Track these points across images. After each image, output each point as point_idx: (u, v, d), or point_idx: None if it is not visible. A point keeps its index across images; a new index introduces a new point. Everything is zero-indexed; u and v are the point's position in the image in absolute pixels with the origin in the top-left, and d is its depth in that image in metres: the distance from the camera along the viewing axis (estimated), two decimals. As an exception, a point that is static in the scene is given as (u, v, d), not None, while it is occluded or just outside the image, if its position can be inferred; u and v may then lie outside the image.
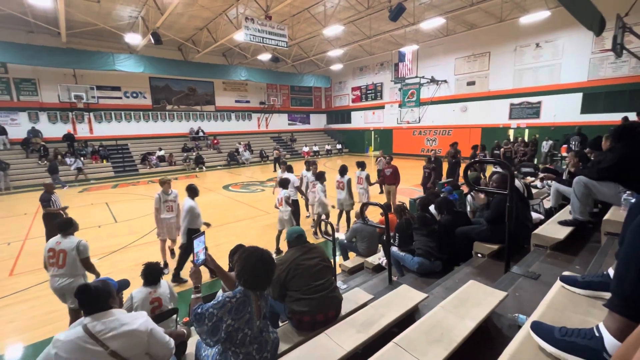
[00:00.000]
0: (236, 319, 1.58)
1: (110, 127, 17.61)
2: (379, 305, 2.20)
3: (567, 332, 1.07)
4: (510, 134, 15.78)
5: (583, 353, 0.99)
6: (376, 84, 22.41)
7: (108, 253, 5.94)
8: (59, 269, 3.28)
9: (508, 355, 1.14)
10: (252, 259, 1.68)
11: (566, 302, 1.41)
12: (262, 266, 1.67)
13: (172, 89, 19.62)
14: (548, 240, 2.76)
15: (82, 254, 3.34)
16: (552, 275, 2.28)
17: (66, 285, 3.28)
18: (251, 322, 1.63)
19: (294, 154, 22.85)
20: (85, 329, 1.54)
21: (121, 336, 1.56)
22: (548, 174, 4.83)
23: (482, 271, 2.94)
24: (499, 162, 2.92)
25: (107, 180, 14.96)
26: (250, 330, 1.62)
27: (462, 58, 17.24)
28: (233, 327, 1.57)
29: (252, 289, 1.67)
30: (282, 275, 2.15)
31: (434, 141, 19.26)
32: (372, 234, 4.61)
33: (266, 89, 23.41)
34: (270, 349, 1.74)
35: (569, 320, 1.28)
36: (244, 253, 1.72)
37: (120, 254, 5.92)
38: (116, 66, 15.23)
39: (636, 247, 0.93)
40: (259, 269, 1.67)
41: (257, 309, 1.66)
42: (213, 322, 1.55)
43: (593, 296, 1.39)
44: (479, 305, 1.89)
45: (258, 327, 1.66)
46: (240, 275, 1.68)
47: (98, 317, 1.59)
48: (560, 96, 13.89)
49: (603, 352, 0.95)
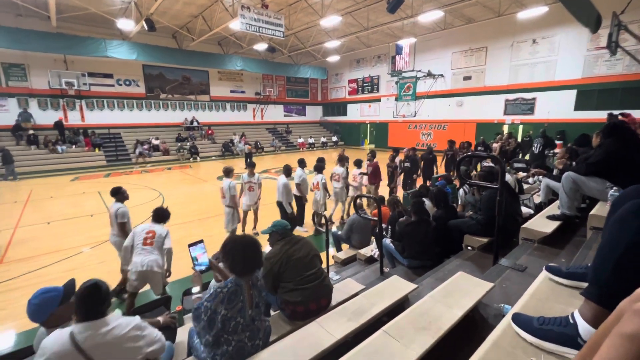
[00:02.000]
0: (229, 308, 1.61)
1: (103, 115, 17.32)
2: (370, 295, 2.24)
3: (545, 321, 1.12)
4: (504, 130, 15.91)
5: (559, 340, 1.04)
6: (373, 76, 22.30)
7: (101, 242, 5.91)
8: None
9: (490, 342, 1.19)
10: (239, 247, 1.74)
11: (549, 293, 1.46)
12: (250, 251, 1.75)
13: (166, 78, 19.31)
14: (536, 234, 2.83)
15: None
16: (538, 268, 2.34)
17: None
18: (243, 310, 1.66)
19: (289, 145, 22.78)
20: (72, 339, 1.37)
21: (113, 353, 1.43)
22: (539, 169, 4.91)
23: (471, 263, 3.00)
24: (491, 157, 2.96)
25: (99, 169, 14.79)
26: (243, 318, 1.66)
27: (459, 52, 17.21)
28: (226, 316, 1.60)
29: (246, 274, 1.71)
30: (275, 267, 2.17)
31: (429, 135, 19.34)
32: (366, 226, 4.66)
33: (262, 79, 23.17)
34: (262, 337, 1.78)
35: (552, 309, 1.33)
36: (227, 246, 1.76)
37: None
38: (108, 52, 14.89)
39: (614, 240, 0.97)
40: (248, 255, 1.74)
41: (249, 298, 1.70)
42: (208, 316, 1.58)
43: (575, 286, 1.44)
44: (467, 296, 1.95)
45: (250, 315, 1.69)
46: (233, 267, 1.72)
47: (91, 326, 1.43)
48: (555, 93, 14.00)
49: (577, 337, 1.00)
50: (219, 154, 19.19)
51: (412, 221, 3.40)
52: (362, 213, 3.87)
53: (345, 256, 4.50)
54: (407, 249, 3.39)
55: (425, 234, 3.33)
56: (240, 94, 22.62)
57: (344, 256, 4.51)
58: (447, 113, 18.24)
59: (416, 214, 3.41)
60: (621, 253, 0.96)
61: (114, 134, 17.36)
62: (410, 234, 3.34)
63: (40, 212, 7.94)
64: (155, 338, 1.62)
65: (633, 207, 0.99)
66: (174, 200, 8.53)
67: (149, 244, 3.41)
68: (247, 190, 6.00)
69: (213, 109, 21.49)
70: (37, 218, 7.43)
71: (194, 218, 7.26)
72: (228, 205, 5.47)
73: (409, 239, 3.36)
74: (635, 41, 9.45)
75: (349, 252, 4.63)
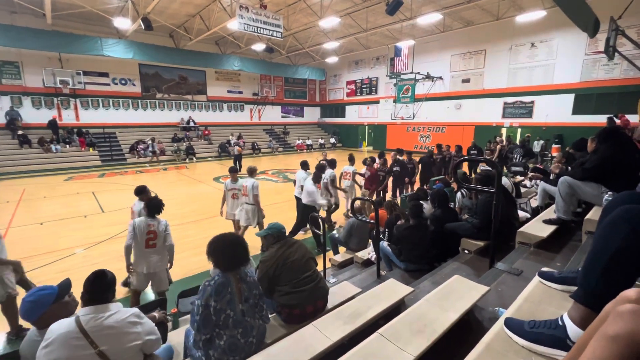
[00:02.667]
0: (218, 300, 1.67)
1: (98, 114, 17.25)
2: (366, 298, 2.27)
3: (535, 324, 1.15)
4: (502, 133, 16.03)
5: (549, 342, 1.07)
6: (371, 78, 22.42)
7: (95, 243, 5.90)
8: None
9: (483, 345, 1.22)
10: (221, 245, 1.82)
11: (542, 296, 1.49)
12: (231, 248, 1.82)
13: (163, 77, 19.29)
14: (532, 238, 2.87)
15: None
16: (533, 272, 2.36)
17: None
18: (232, 303, 1.70)
19: (287, 147, 22.80)
20: (77, 322, 1.47)
21: (114, 337, 1.50)
22: (536, 173, 4.97)
23: (467, 267, 3.04)
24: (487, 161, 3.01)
25: (93, 169, 14.72)
26: (233, 311, 1.69)
27: (458, 55, 17.35)
28: (216, 308, 1.65)
29: (230, 270, 1.78)
30: (271, 270, 2.19)
31: (427, 138, 19.43)
32: (363, 229, 4.69)
33: (259, 80, 23.21)
34: (256, 335, 1.80)
35: (544, 312, 1.37)
36: (211, 245, 1.84)
37: (108, 244, 5.89)
38: (104, 51, 14.85)
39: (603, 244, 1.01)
40: (228, 253, 1.81)
41: (238, 291, 1.74)
42: (201, 314, 1.61)
43: (567, 290, 1.48)
44: (462, 299, 1.98)
45: (241, 310, 1.72)
46: (217, 263, 1.81)
47: (95, 309, 1.53)
48: (553, 96, 14.15)
49: (567, 339, 1.03)
50: (215, 154, 19.18)
51: (410, 225, 3.43)
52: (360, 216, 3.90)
53: (342, 259, 4.52)
54: (404, 253, 3.42)
55: (423, 238, 3.36)
56: (238, 94, 22.64)
57: (341, 259, 4.53)
58: (445, 115, 18.35)
59: (414, 217, 3.43)
60: (610, 257, 0.99)
61: (109, 133, 17.29)
62: (407, 238, 3.37)
63: (33, 213, 7.89)
64: (153, 328, 1.69)
65: (623, 212, 1.02)
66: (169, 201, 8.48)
67: (152, 246, 3.42)
68: (230, 198, 5.65)
69: (210, 109, 21.49)
70: (30, 218, 7.39)
71: (190, 219, 7.26)
72: (249, 203, 5.40)
73: (406, 243, 3.39)
74: (632, 46, 9.58)
75: (346, 255, 4.65)
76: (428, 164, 8.79)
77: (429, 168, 8.76)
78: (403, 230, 3.41)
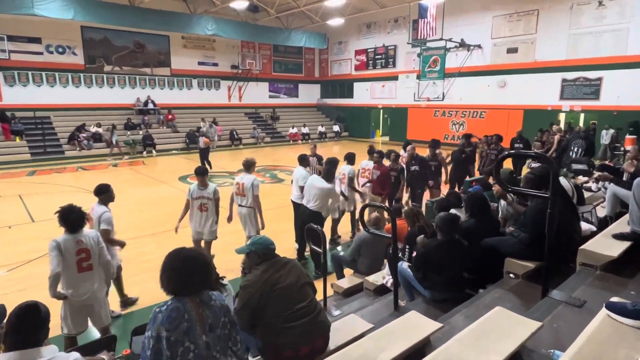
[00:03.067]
0: (171, 329, 1.65)
1: (27, 92, 17.28)
2: (380, 336, 2.27)
3: None
4: (560, 119, 16.03)
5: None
6: (388, 46, 22.46)
7: (21, 263, 5.88)
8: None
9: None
10: (172, 264, 1.78)
11: (611, 335, 1.50)
12: (189, 265, 1.79)
13: (113, 44, 19.34)
14: (598, 258, 2.88)
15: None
16: (600, 303, 2.38)
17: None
18: (192, 334, 1.69)
19: (276, 136, 22.82)
20: None
21: None
22: (605, 173, 4.97)
23: (513, 295, 3.05)
24: (541, 156, 3.01)
25: (21, 165, 14.71)
26: (194, 344, 1.68)
27: (501, 16, 17.40)
28: (170, 340, 1.63)
29: (183, 296, 1.76)
30: (254, 299, 2.18)
31: (461, 125, 19.48)
32: (377, 246, 4.68)
33: (240, 48, 23.27)
34: None
35: (614, 356, 1.37)
36: (164, 261, 1.82)
37: (38, 264, 5.86)
38: (35, 10, 14.78)
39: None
40: (183, 274, 1.77)
41: (199, 318, 1.72)
42: (152, 348, 1.61)
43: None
44: (506, 338, 1.98)
45: (205, 342, 1.71)
46: (165, 286, 1.78)
47: (25, 356, 1.50)
48: (627, 71, 14.16)
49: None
50: (181, 146, 19.22)
51: (439, 242, 3.42)
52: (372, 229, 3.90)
53: (348, 285, 4.53)
54: (430, 277, 3.41)
55: (456, 259, 3.35)
56: (212, 67, 22.70)
57: (348, 285, 4.53)
58: (485, 96, 18.42)
59: (445, 232, 3.42)
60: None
61: (41, 117, 17.32)
62: (435, 259, 3.36)
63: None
64: None
65: None
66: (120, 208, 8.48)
67: (87, 268, 3.31)
68: (196, 209, 5.34)
69: (175, 87, 21.54)
70: None
71: (146, 232, 7.27)
72: (247, 206, 5.40)
73: (433, 264, 3.38)
74: None
75: (353, 279, 4.66)
76: (460, 160, 8.76)
77: (462, 166, 8.75)
78: (432, 248, 3.40)
